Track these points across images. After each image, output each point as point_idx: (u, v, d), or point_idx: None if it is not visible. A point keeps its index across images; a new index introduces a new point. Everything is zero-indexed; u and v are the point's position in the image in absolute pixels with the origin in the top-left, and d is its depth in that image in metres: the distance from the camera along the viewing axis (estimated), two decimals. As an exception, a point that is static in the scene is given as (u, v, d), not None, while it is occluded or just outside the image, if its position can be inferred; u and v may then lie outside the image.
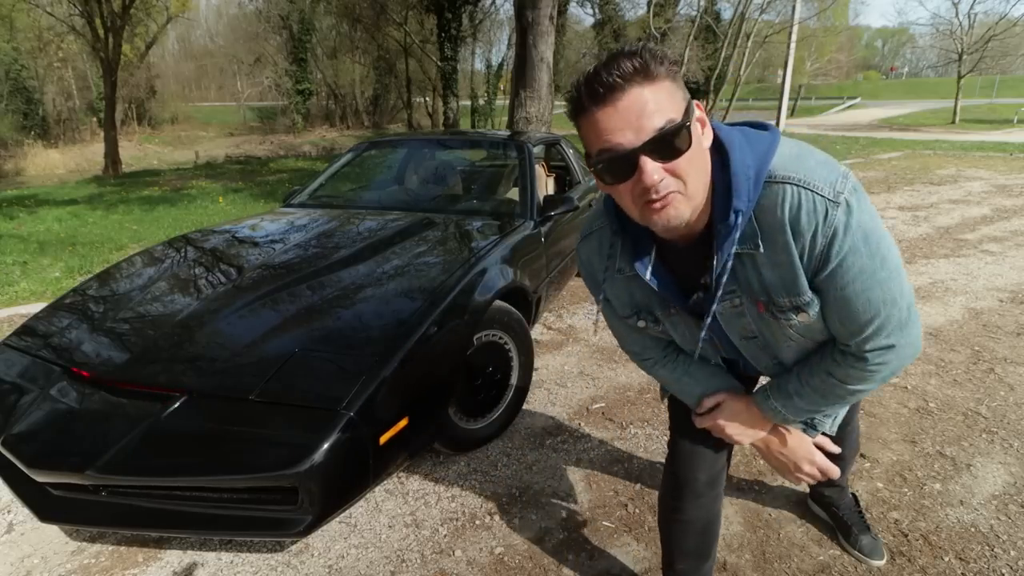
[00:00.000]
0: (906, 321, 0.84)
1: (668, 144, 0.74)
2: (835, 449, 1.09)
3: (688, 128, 0.75)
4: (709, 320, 0.92)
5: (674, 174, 0.76)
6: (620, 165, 0.77)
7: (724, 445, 1.17)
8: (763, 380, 1.11)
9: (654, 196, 0.77)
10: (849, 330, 0.85)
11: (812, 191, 0.77)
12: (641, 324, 1.05)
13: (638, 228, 0.90)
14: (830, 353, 0.91)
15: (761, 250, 0.82)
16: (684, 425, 1.17)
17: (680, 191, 0.78)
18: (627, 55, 0.74)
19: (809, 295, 0.84)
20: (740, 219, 0.80)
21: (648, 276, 0.93)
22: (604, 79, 0.73)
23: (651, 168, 0.75)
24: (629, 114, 0.73)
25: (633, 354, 1.16)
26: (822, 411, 1.01)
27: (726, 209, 0.81)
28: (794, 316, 0.87)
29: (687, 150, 0.76)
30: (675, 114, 0.75)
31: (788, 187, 0.78)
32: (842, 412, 1.09)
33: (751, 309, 0.90)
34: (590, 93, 0.74)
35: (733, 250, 0.83)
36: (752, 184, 0.80)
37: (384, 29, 25.59)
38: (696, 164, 0.78)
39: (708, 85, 19.49)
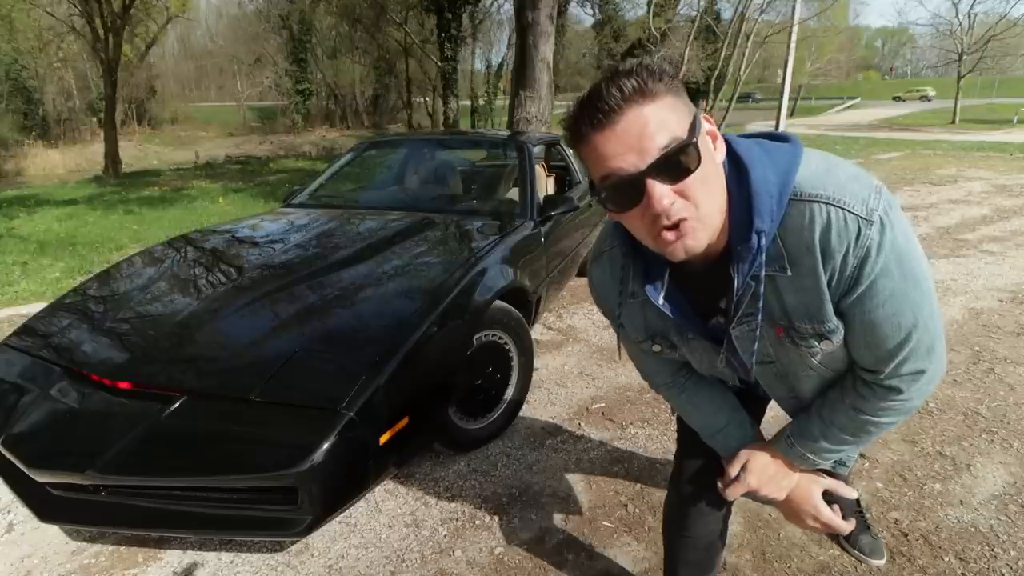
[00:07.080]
0: (934, 344, 0.80)
1: (675, 164, 0.69)
2: (853, 494, 1.03)
3: (695, 144, 0.70)
4: (726, 345, 0.89)
5: (685, 196, 0.71)
6: (626, 191, 0.71)
7: None
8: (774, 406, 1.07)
9: (666, 222, 0.72)
10: (876, 356, 0.80)
11: (844, 209, 0.71)
12: (656, 348, 0.99)
13: (650, 250, 0.83)
14: (853, 387, 0.86)
15: (788, 272, 0.77)
16: (691, 442, 1.13)
17: (692, 217, 0.72)
18: (622, 75, 0.69)
19: (834, 322, 0.78)
20: (763, 240, 0.75)
21: (661, 302, 0.87)
22: (600, 103, 0.68)
23: (660, 192, 0.69)
24: (629, 136, 0.68)
25: (645, 375, 1.13)
26: (848, 450, 0.95)
27: (746, 229, 0.76)
28: (816, 343, 0.82)
29: (696, 168, 0.70)
30: (680, 131, 0.69)
31: (817, 205, 0.73)
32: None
33: (769, 333, 0.85)
34: (587, 118, 0.70)
35: (758, 272, 0.78)
36: (775, 203, 0.74)
37: (384, 29, 25.65)
38: (709, 182, 0.73)
39: (708, 85, 19.47)
